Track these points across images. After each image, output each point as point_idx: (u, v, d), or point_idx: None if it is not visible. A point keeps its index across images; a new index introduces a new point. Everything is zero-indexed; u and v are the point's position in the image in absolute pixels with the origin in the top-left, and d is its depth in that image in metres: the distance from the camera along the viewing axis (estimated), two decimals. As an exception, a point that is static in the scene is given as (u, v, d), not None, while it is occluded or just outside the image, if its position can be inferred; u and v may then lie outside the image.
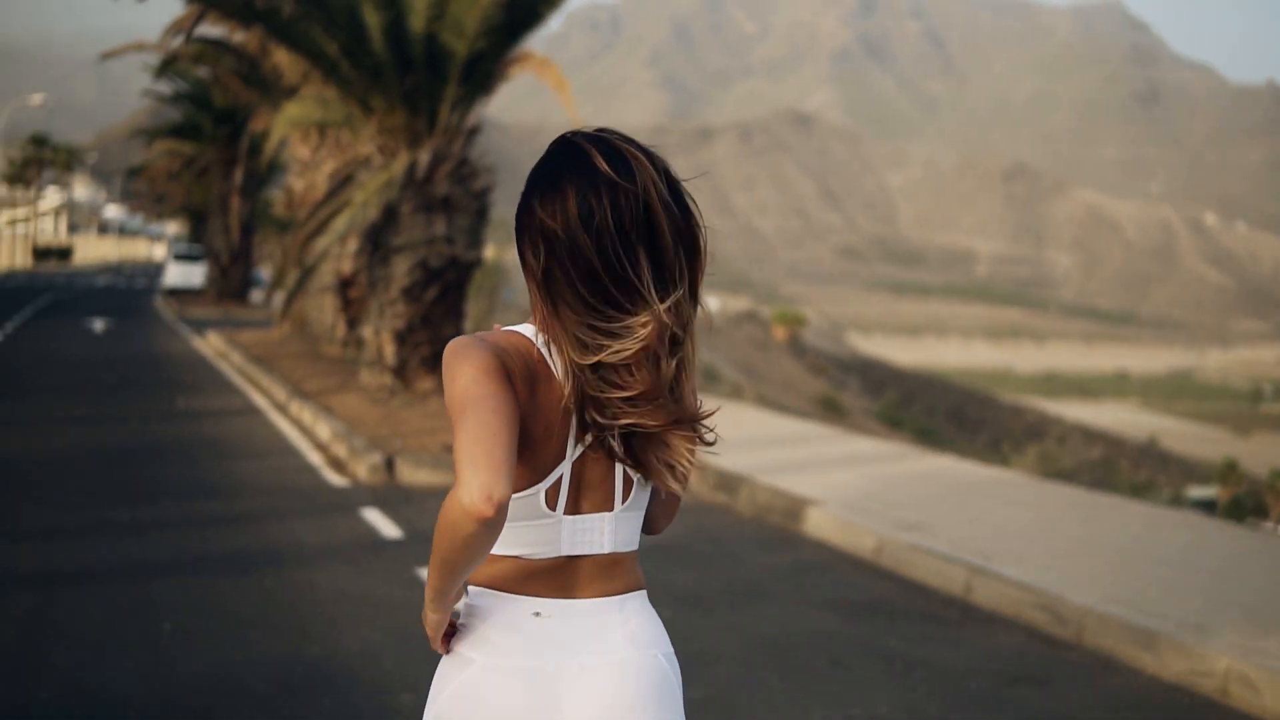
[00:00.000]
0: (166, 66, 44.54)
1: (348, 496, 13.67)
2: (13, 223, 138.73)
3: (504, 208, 11.61)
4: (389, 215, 20.00)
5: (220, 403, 21.32)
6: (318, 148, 33.03)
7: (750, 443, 17.69)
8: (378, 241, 20.28)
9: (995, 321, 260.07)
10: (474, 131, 20.87)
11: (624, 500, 2.86)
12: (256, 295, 60.33)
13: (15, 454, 15.55)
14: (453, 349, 2.72)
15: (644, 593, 2.98)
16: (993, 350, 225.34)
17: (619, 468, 2.83)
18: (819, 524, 12.86)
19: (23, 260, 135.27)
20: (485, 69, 20.29)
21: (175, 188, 68.36)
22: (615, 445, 2.77)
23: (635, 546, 2.93)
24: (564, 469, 2.80)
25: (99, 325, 40.17)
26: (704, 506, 14.27)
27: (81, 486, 13.59)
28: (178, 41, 32.88)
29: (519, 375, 2.71)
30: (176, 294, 62.10)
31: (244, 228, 54.75)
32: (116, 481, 13.96)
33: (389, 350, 20.20)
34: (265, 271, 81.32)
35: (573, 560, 2.86)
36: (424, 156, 20.01)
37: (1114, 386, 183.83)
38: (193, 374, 26.36)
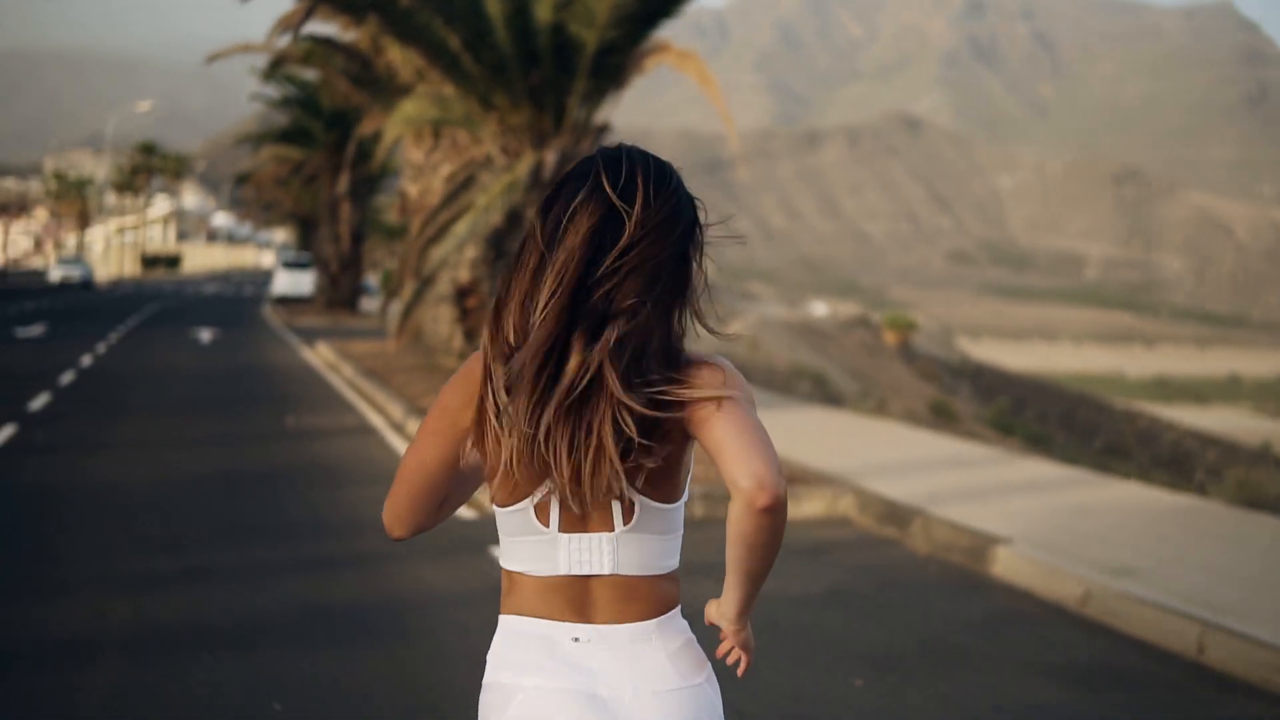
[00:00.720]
0: (275, 68, 43.47)
1: (478, 531, 12.20)
2: (121, 230, 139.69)
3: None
4: (512, 220, 18.63)
5: (332, 421, 20.00)
6: (432, 150, 31.78)
7: (911, 467, 16.13)
8: (500, 248, 18.90)
9: (1105, 325, 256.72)
10: (604, 129, 19.47)
11: (626, 521, 2.81)
12: (366, 304, 59.46)
13: (113, 483, 14.26)
14: (461, 368, 2.93)
15: (677, 612, 2.94)
16: (1103, 354, 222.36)
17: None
18: (1010, 566, 11.30)
19: (131, 268, 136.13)
20: (617, 61, 18.86)
21: (283, 194, 67.75)
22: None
23: (651, 572, 2.87)
24: (551, 483, 2.78)
25: (206, 335, 39.20)
26: (872, 541, 12.75)
27: (184, 522, 12.27)
28: (285, 40, 31.76)
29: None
30: (285, 302, 61.58)
31: (354, 235, 53.84)
32: (222, 515, 12.64)
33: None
34: (373, 279, 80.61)
35: (581, 581, 2.84)
36: (550, 157, 18.63)
37: (1226, 391, 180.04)
38: (302, 388, 25.12)
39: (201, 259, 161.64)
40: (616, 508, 2.80)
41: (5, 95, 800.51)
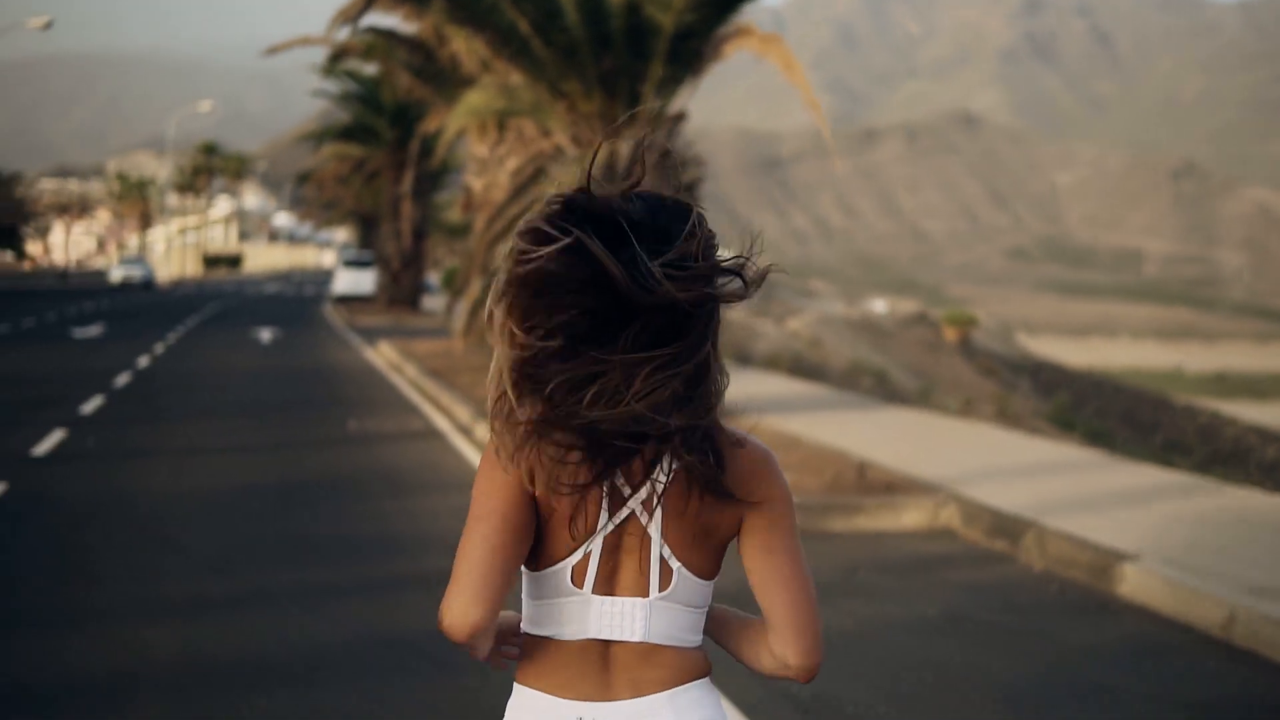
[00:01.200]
0: (335, 62, 42.65)
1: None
2: (183, 231, 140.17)
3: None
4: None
5: (396, 424, 19.11)
6: (496, 144, 30.99)
7: (1012, 472, 15.10)
8: (571, 243, 17.98)
9: (1165, 321, 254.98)
10: (680, 118, 18.52)
11: (662, 588, 2.73)
12: (428, 302, 58.81)
13: (164, 493, 13.41)
14: (490, 444, 2.68)
15: (701, 683, 2.80)
16: (1162, 350, 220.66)
17: (655, 549, 2.71)
18: (1140, 586, 10.28)
19: (193, 268, 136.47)
20: (694, 46, 17.90)
21: (344, 192, 67.10)
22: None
23: (682, 644, 2.77)
24: (595, 544, 2.72)
25: (266, 335, 38.48)
26: (982, 557, 11.76)
27: (238, 537, 11.41)
28: (345, 33, 30.94)
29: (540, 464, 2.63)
30: (346, 301, 61.07)
31: (415, 232, 53.10)
32: (278, 530, 11.76)
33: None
34: (434, 278, 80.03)
35: (605, 646, 2.76)
36: (624, 147, 17.68)
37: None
38: (365, 389, 24.29)
39: (263, 259, 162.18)
40: (655, 573, 2.73)
41: (68, 98, 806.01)
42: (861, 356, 75.63)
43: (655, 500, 2.69)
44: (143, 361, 28.27)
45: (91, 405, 20.27)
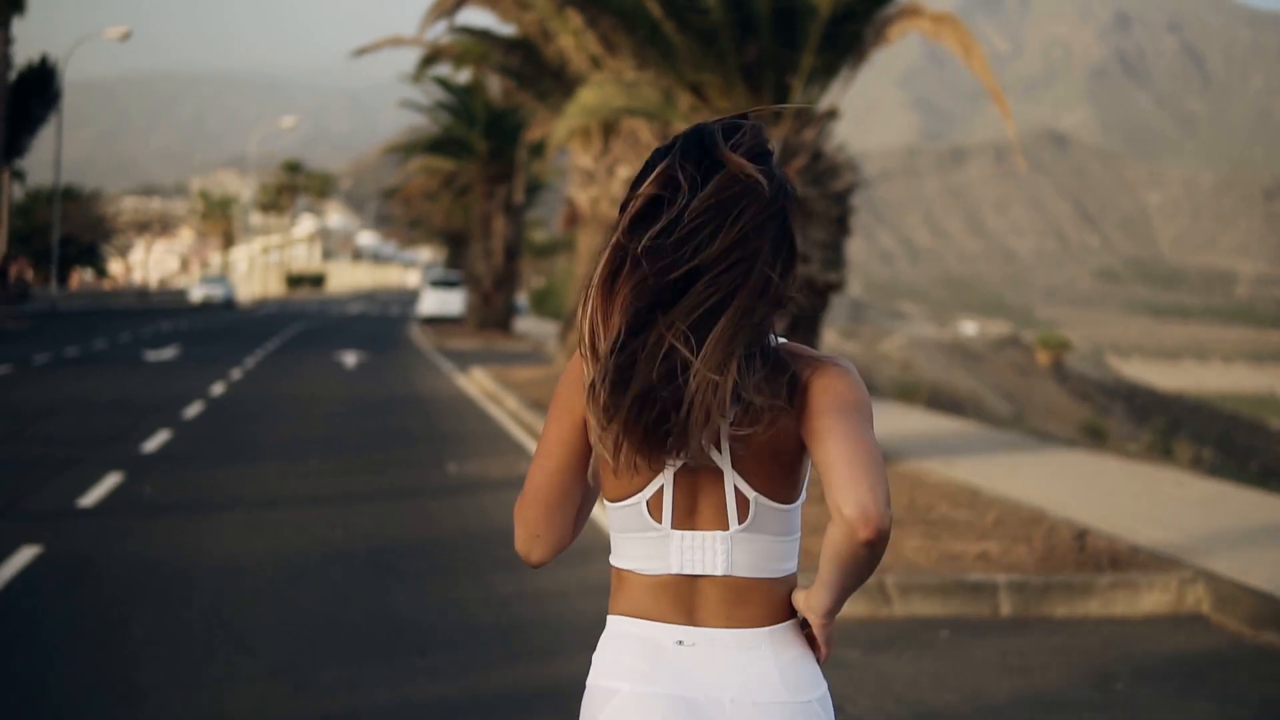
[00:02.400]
0: (427, 65, 40.14)
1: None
2: (266, 250, 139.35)
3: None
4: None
5: (502, 468, 16.58)
6: (602, 154, 28.58)
7: (1251, 536, 12.41)
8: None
9: (1258, 344, 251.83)
10: (831, 115, 15.96)
11: (740, 520, 2.76)
12: (521, 325, 56.64)
13: (230, 562, 10.95)
14: (566, 370, 2.87)
15: (794, 623, 2.83)
16: (1255, 374, 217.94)
17: (730, 481, 2.75)
18: None
19: (276, 288, 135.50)
20: (853, 30, 15.33)
21: (432, 209, 64.88)
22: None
23: (767, 574, 2.80)
24: (665, 478, 2.75)
25: (351, 359, 36.14)
26: (1254, 655, 9.15)
27: (318, 627, 8.97)
28: (439, 30, 28.63)
29: None
30: (433, 323, 59.12)
31: (508, 250, 50.67)
32: (371, 615, 9.31)
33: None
34: (522, 298, 78.08)
35: (691, 581, 2.78)
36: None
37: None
38: (461, 423, 21.83)
39: (346, 278, 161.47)
40: (732, 505, 2.75)
41: (150, 117, 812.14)
42: (955, 381, 73.37)
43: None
44: (217, 389, 25.99)
45: (155, 442, 17.94)
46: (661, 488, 2.76)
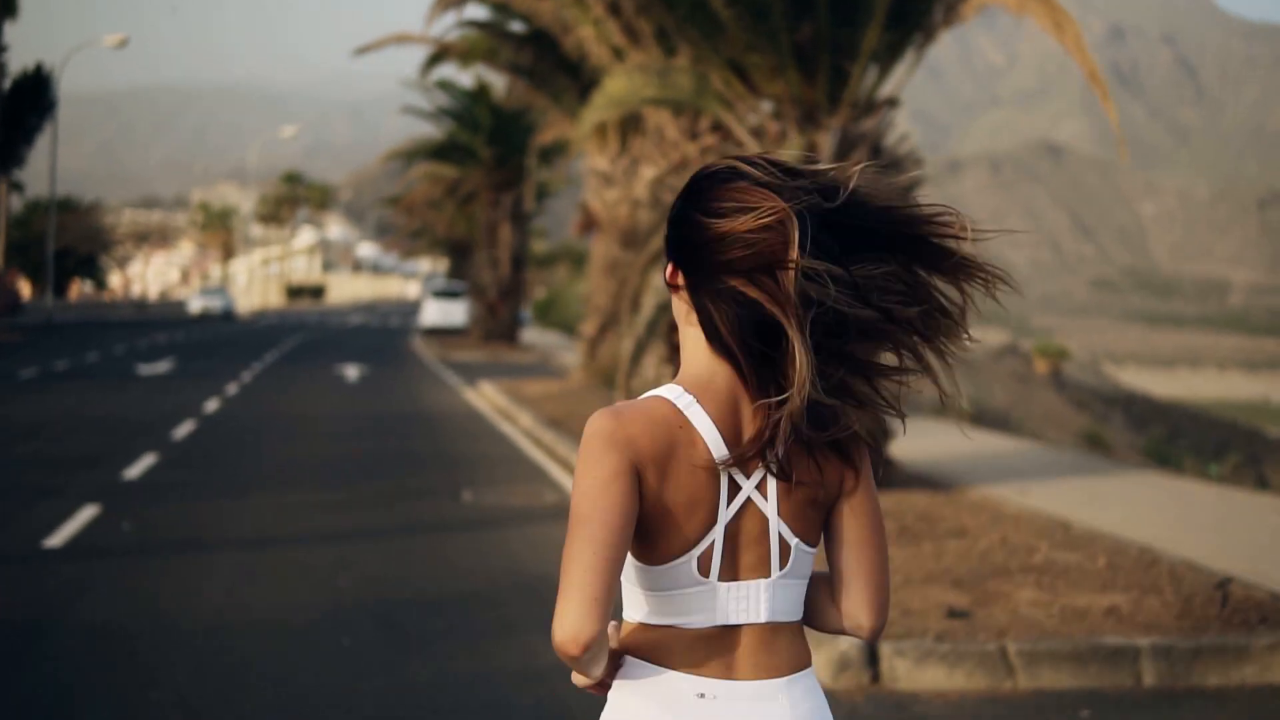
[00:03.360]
0: (433, 63, 38.29)
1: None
2: (267, 262, 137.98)
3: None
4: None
5: (524, 496, 14.87)
6: (619, 155, 27.00)
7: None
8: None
9: (1251, 352, 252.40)
10: (892, 104, 14.30)
11: (782, 566, 2.78)
12: (527, 336, 55.00)
13: (213, 620, 9.25)
14: (589, 436, 2.69)
15: (810, 671, 2.87)
16: (1249, 381, 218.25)
17: (774, 530, 2.76)
18: None
19: (276, 299, 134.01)
20: (923, 7, 13.66)
21: (435, 218, 63.04)
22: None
23: (796, 618, 2.84)
24: (717, 533, 2.74)
25: (352, 373, 34.46)
26: None
27: (317, 703, 7.30)
28: (446, 25, 26.92)
29: (650, 460, 2.68)
30: (435, 334, 57.56)
31: (514, 260, 48.91)
32: (380, 695, 7.62)
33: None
34: (525, 310, 76.65)
35: (730, 630, 2.78)
36: (825, 140, 13.56)
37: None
38: (473, 443, 20.11)
39: (346, 289, 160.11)
40: (775, 552, 2.77)
41: (152, 130, 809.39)
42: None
43: (768, 478, 2.74)
44: (210, 406, 24.32)
45: (140, 467, 16.28)
46: (713, 543, 2.74)
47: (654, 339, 18.25)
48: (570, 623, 2.60)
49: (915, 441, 16.24)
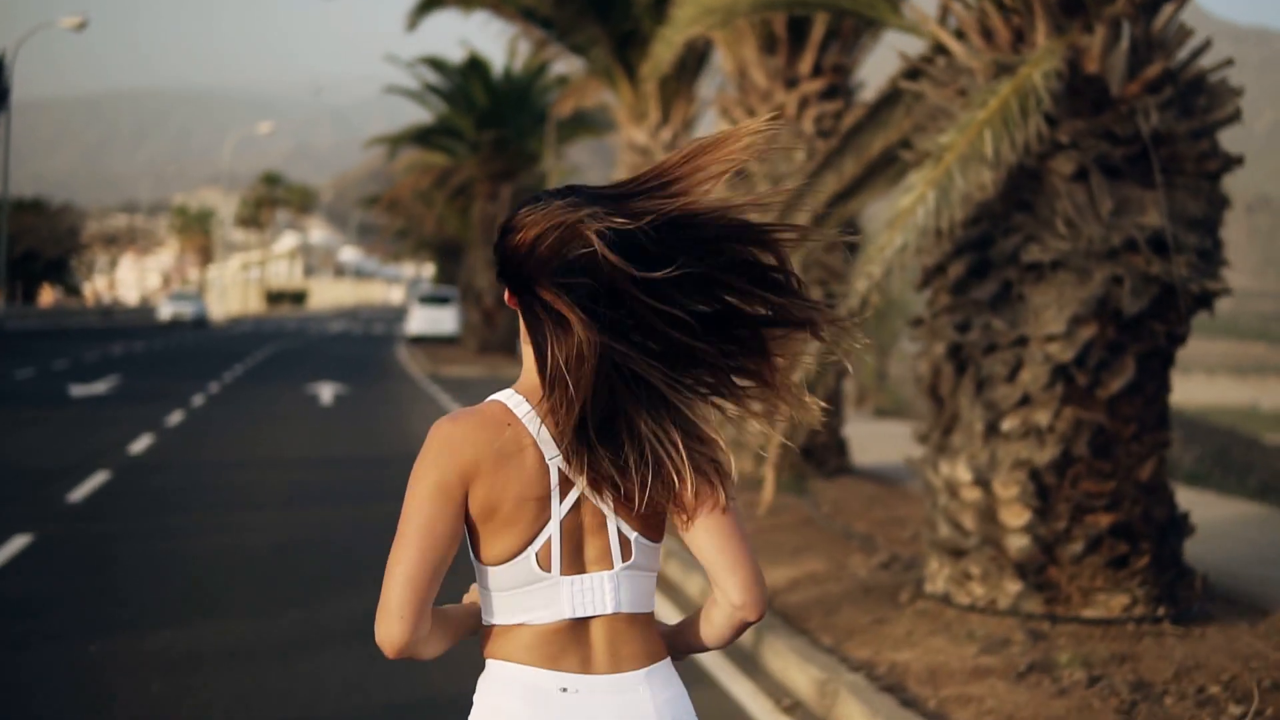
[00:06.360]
0: (428, 7, 32.28)
1: None
2: (246, 266, 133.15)
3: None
4: (1010, 193, 8.22)
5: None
6: (659, 126, 21.60)
7: None
8: (983, 242, 8.44)
9: (1239, 357, 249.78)
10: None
11: (624, 558, 2.90)
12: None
13: None
14: (426, 443, 2.91)
15: (668, 662, 2.99)
16: (1238, 386, 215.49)
17: (613, 524, 2.89)
18: None
19: (255, 305, 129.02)
20: None
21: (423, 215, 57.17)
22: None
23: (647, 609, 2.96)
24: (553, 528, 2.86)
25: (327, 393, 28.83)
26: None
27: None
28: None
29: (482, 460, 2.85)
30: (423, 343, 52.26)
31: (516, 261, 43.35)
32: None
33: (1013, 514, 8.23)
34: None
35: (581, 624, 2.89)
36: (1094, 44, 8.15)
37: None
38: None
39: (328, 295, 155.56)
40: (615, 545, 2.89)
41: (136, 135, 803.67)
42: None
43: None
44: (141, 443, 18.83)
45: (14, 547, 10.80)
46: (550, 538, 2.86)
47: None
48: (384, 631, 2.83)
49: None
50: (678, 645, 3.06)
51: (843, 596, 9.23)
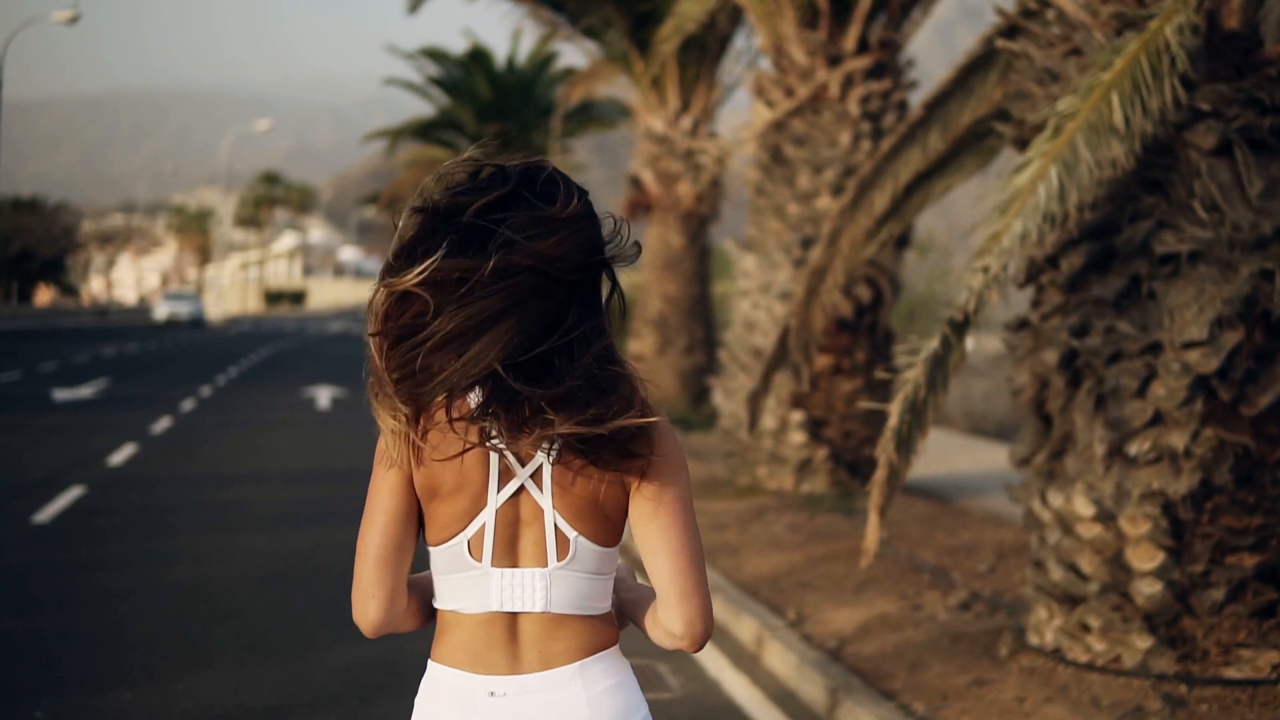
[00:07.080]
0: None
1: None
2: (245, 266, 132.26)
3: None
4: (1142, 171, 6.89)
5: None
6: (679, 113, 20.31)
7: None
8: (1105, 229, 7.10)
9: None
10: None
11: (560, 557, 2.78)
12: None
13: None
14: (381, 432, 2.86)
15: (609, 652, 2.85)
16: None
17: (549, 520, 2.77)
18: None
19: (254, 304, 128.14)
20: None
21: (425, 207, 56.17)
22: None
23: (585, 612, 2.82)
24: (487, 517, 2.77)
25: (325, 397, 27.52)
26: None
27: None
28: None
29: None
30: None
31: (529, 257, 42.27)
32: None
33: (1143, 556, 6.88)
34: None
35: (509, 619, 2.80)
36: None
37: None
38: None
39: (327, 295, 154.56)
40: (551, 543, 2.78)
41: (136, 134, 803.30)
42: (971, 396, 66.28)
43: (542, 474, 2.76)
44: (119, 455, 17.51)
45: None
46: (483, 527, 2.78)
47: (780, 369, 11.55)
48: (359, 612, 2.83)
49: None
50: (635, 618, 2.95)
51: (927, 646, 7.86)
